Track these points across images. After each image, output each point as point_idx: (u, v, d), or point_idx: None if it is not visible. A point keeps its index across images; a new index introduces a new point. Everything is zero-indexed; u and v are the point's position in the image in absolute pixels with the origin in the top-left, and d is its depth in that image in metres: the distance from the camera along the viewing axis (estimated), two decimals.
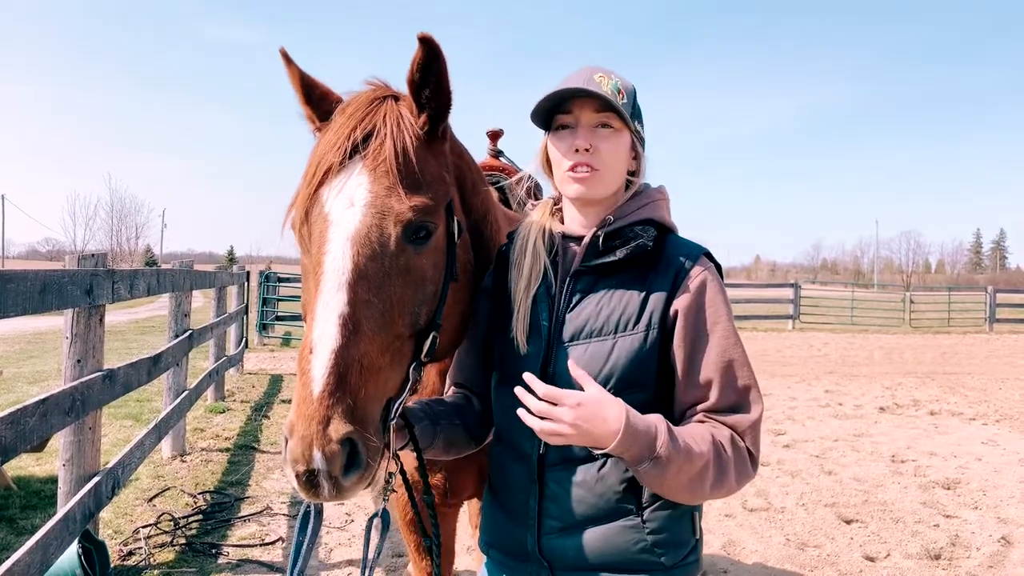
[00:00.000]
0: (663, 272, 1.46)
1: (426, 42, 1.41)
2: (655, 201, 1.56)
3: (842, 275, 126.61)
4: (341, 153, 1.43)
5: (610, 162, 1.49)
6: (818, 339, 19.94)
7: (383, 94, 1.53)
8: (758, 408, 1.44)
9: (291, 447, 1.26)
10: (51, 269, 2.98)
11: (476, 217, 1.78)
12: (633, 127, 1.51)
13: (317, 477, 1.26)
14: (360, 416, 1.29)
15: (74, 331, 3.59)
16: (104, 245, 77.81)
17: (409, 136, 1.46)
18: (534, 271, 1.56)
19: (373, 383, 1.33)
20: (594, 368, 1.43)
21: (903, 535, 4.76)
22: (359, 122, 1.46)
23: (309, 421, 1.25)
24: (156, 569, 4.01)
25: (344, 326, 1.31)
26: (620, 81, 1.51)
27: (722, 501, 5.38)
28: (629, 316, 1.44)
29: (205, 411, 8.19)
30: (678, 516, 1.46)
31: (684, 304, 1.43)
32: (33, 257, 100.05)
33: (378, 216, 1.39)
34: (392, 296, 1.38)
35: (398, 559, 4.24)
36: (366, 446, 1.29)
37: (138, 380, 4.41)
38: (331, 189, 1.43)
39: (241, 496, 5.28)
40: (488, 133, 3.02)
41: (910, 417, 8.84)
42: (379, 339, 1.35)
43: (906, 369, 13.61)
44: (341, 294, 1.33)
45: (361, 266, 1.36)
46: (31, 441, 2.75)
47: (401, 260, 1.40)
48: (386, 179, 1.41)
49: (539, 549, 1.48)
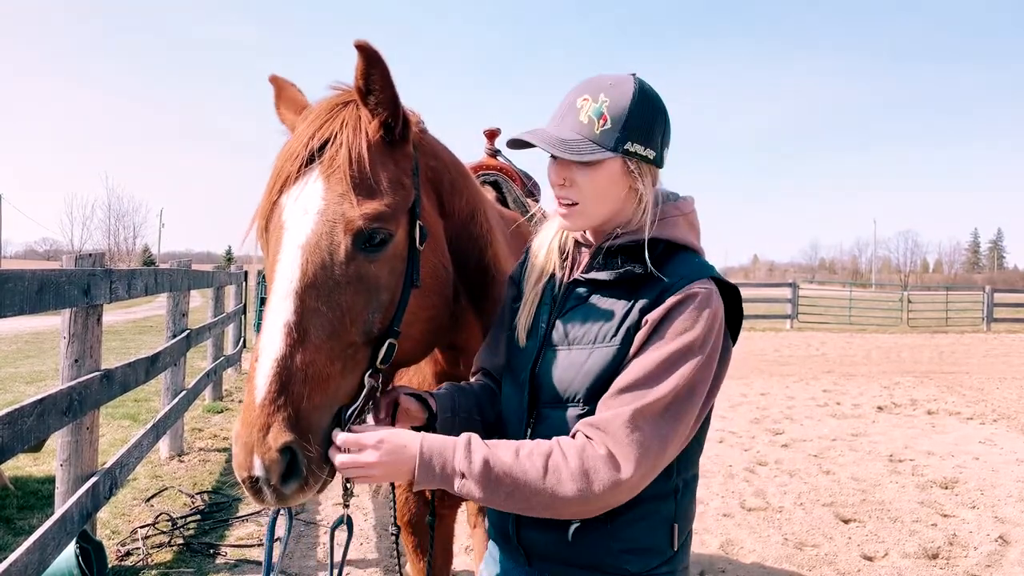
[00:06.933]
0: (652, 288, 1.41)
1: (363, 49, 1.39)
2: (670, 218, 1.48)
3: (840, 275, 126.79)
4: (299, 162, 1.43)
5: (589, 195, 1.44)
6: (816, 339, 19.95)
7: (345, 99, 1.51)
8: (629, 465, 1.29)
9: (234, 453, 1.29)
10: (49, 269, 2.97)
11: (460, 219, 1.76)
12: (624, 148, 1.41)
13: (259, 483, 1.28)
14: (303, 425, 1.29)
15: (72, 331, 3.58)
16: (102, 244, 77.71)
17: (365, 142, 1.44)
18: (543, 272, 1.57)
19: (319, 392, 1.33)
20: (568, 376, 1.43)
21: (901, 534, 4.77)
22: (317, 129, 1.45)
23: (250, 428, 1.27)
24: (154, 569, 4.00)
25: (289, 334, 1.31)
26: (609, 102, 1.41)
27: (720, 500, 5.39)
28: (608, 329, 1.42)
29: (203, 411, 8.18)
30: (652, 526, 1.45)
31: (654, 315, 1.37)
32: (30, 257, 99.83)
33: (328, 224, 1.38)
34: (343, 304, 1.37)
35: (395, 560, 4.23)
36: (305, 456, 1.30)
37: (136, 380, 4.40)
38: (289, 197, 1.43)
39: (239, 496, 5.27)
40: (485, 132, 3.02)
41: (908, 416, 8.85)
42: (327, 347, 1.34)
43: (904, 368, 13.63)
44: (288, 302, 1.33)
45: (310, 274, 1.35)
46: (28, 441, 2.74)
47: (352, 268, 1.39)
48: (339, 186, 1.40)
49: (517, 536, 1.51)
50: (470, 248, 1.79)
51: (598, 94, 1.43)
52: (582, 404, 1.41)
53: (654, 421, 1.31)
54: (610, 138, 1.41)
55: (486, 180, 2.74)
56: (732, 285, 1.46)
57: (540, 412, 1.47)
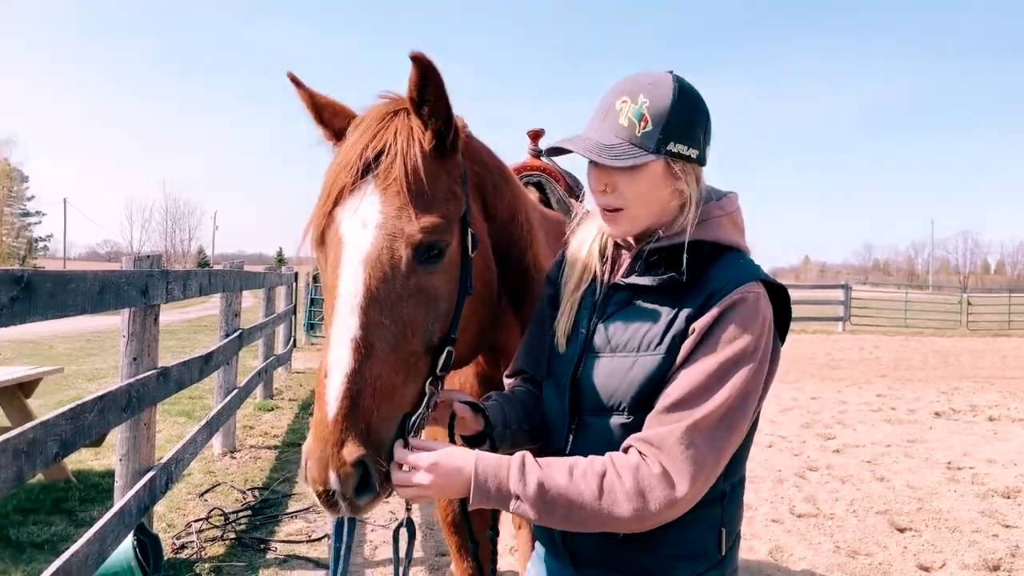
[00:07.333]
0: (698, 293, 1.37)
1: (418, 60, 1.40)
2: (713, 219, 1.45)
3: (895, 276, 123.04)
4: (354, 173, 1.43)
5: (633, 200, 1.41)
6: (869, 342, 19.41)
7: (395, 108, 1.51)
8: (685, 482, 1.27)
9: (309, 468, 1.32)
10: (109, 270, 3.08)
11: (502, 221, 1.77)
12: (667, 149, 1.38)
13: (334, 496, 1.31)
14: (374, 439, 1.32)
15: (130, 330, 3.71)
16: (159, 246, 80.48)
17: (419, 153, 1.44)
18: (584, 275, 1.55)
19: (387, 403, 1.35)
20: (612, 384, 1.41)
21: (959, 544, 4.60)
22: (370, 140, 1.46)
23: (324, 444, 1.29)
24: (207, 563, 4.11)
25: (357, 350, 1.33)
26: (648, 103, 1.38)
27: (769, 505, 5.28)
28: (653, 336, 1.39)
29: (254, 409, 8.37)
30: (700, 531, 1.43)
31: (702, 323, 1.34)
32: (93, 258, 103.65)
33: (389, 238, 1.39)
34: (405, 317, 1.39)
35: (441, 558, 4.27)
36: (377, 471, 1.32)
37: (190, 378, 4.54)
38: (345, 210, 1.44)
39: (288, 493, 5.38)
40: (529, 133, 3.02)
41: (967, 423, 8.54)
42: (392, 360, 1.36)
43: (963, 373, 13.15)
44: (353, 318, 1.35)
45: (373, 289, 1.36)
46: (90, 436, 2.85)
47: (413, 281, 1.40)
48: (397, 199, 1.41)
49: (564, 541, 1.50)
50: (511, 249, 1.79)
51: (637, 95, 1.40)
52: (627, 413, 1.39)
53: (708, 435, 1.29)
54: (652, 140, 1.38)
55: (529, 181, 2.75)
56: (780, 285, 1.43)
57: (582, 419, 1.45)
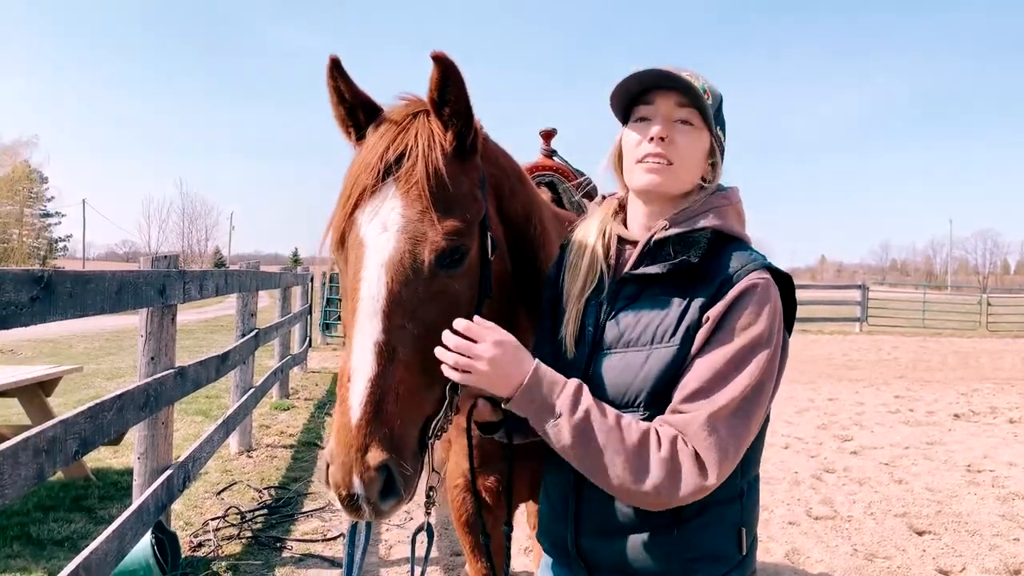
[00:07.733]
0: (709, 283, 1.38)
1: (440, 60, 1.39)
2: (719, 207, 1.46)
3: (913, 276, 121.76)
4: (375, 175, 1.42)
5: (686, 157, 1.43)
6: (887, 342, 19.21)
7: (415, 109, 1.50)
8: (711, 469, 1.28)
9: (332, 473, 1.31)
10: (127, 270, 3.11)
11: (517, 222, 1.76)
12: (715, 131, 1.45)
13: (358, 501, 1.30)
14: (397, 443, 1.31)
15: (148, 329, 3.74)
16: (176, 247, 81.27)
17: (440, 155, 1.44)
18: (589, 276, 1.53)
19: (410, 408, 1.35)
20: (626, 380, 1.40)
21: (980, 548, 4.54)
22: (391, 141, 1.45)
23: (348, 448, 1.29)
24: (224, 561, 4.14)
25: (380, 354, 1.32)
26: (707, 83, 1.46)
27: (786, 507, 5.24)
28: (666, 328, 1.38)
29: (270, 408, 8.42)
30: (720, 531, 1.42)
31: (716, 311, 1.35)
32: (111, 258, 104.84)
33: (411, 242, 1.38)
34: (427, 320, 1.38)
35: (456, 558, 4.27)
36: (402, 475, 1.32)
37: (207, 377, 4.58)
38: (366, 212, 1.43)
39: (304, 492, 5.41)
40: (541, 133, 3.01)
41: (987, 425, 8.43)
42: (414, 364, 1.36)
43: (983, 375, 12.99)
44: (376, 321, 1.34)
45: (395, 293, 1.36)
46: (108, 434, 2.88)
47: (434, 285, 1.40)
48: (419, 202, 1.40)
49: (577, 548, 1.48)
50: (525, 250, 1.79)
51: (697, 76, 1.45)
52: (642, 408, 1.38)
53: (728, 422, 1.30)
54: (710, 114, 1.44)
55: (542, 181, 2.74)
56: (785, 274, 1.44)
57: None
